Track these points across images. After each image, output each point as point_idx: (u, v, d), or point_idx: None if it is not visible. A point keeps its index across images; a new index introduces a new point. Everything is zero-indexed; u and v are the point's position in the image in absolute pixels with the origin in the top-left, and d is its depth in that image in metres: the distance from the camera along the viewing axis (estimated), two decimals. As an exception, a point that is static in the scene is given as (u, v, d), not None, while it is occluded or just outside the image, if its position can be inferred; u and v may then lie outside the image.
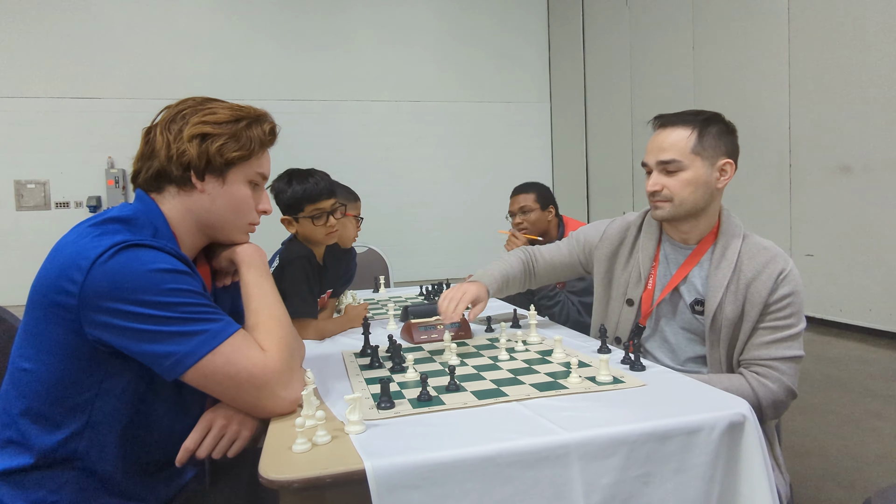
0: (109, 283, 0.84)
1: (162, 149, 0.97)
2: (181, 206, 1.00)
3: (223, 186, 1.00)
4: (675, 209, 1.35)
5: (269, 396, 0.93)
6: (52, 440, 0.90)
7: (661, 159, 1.35)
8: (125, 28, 6.12)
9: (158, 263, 0.87)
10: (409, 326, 1.48)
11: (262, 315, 0.99)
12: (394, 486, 0.76)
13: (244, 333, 0.94)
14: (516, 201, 2.42)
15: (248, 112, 1.03)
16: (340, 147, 6.63)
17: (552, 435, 0.85)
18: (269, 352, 0.93)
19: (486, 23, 7.13)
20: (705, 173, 1.34)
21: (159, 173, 0.98)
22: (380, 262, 2.83)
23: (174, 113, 1.00)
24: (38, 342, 0.89)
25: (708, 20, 4.95)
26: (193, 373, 0.88)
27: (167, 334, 0.86)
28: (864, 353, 3.50)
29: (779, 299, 1.29)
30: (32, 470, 0.90)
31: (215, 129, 0.98)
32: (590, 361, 1.22)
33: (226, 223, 1.03)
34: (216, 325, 0.90)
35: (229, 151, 0.98)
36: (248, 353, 0.91)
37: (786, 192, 4.28)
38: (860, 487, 1.95)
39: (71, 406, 0.90)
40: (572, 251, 1.61)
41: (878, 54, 3.61)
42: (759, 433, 0.92)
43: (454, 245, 7.01)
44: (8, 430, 0.91)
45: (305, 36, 6.60)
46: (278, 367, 0.93)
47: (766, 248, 1.35)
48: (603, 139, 6.50)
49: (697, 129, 1.33)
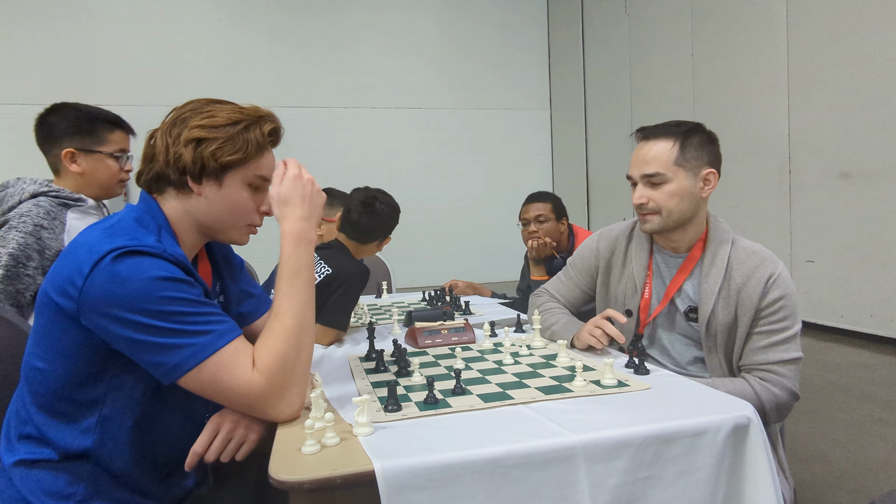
0: (106, 290, 0.85)
1: (161, 152, 0.98)
2: (180, 208, 1.01)
3: (220, 190, 1.00)
4: (664, 221, 1.36)
5: (259, 413, 0.94)
6: (66, 435, 0.92)
7: (644, 172, 1.36)
8: (126, 36, 6.15)
9: (155, 271, 0.87)
10: (414, 331, 1.49)
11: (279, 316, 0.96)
12: (403, 487, 0.77)
13: (236, 347, 0.91)
14: (532, 209, 2.41)
15: (249, 114, 1.02)
16: (341, 154, 6.65)
17: (558, 437, 0.85)
18: (259, 371, 0.91)
19: (486, 30, 7.16)
20: (689, 184, 1.35)
21: (159, 176, 0.99)
22: (382, 268, 2.84)
23: (176, 116, 1.01)
24: (48, 342, 0.91)
25: (707, 27, 4.98)
26: (184, 382, 0.89)
27: (156, 346, 0.86)
28: (865, 358, 3.50)
29: (770, 303, 1.30)
30: (49, 462, 0.92)
31: (210, 133, 0.97)
32: (594, 365, 1.23)
33: (224, 225, 1.03)
34: (205, 339, 0.88)
35: (224, 155, 0.98)
36: (233, 371, 0.89)
37: (786, 198, 4.29)
38: (864, 493, 1.95)
39: (83, 403, 0.92)
40: (578, 283, 1.61)
41: (877, 60, 3.63)
42: (764, 436, 0.93)
43: (456, 251, 7.02)
44: (26, 425, 0.93)
45: (306, 43, 6.64)
46: (264, 390, 0.91)
47: (754, 252, 1.35)
48: (603, 146, 6.53)
49: (679, 141, 1.34)
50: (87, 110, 1.59)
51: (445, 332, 1.49)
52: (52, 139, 1.57)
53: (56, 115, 1.57)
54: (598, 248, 1.56)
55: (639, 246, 1.48)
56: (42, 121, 1.58)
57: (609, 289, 1.54)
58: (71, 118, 1.56)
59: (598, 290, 1.57)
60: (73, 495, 0.91)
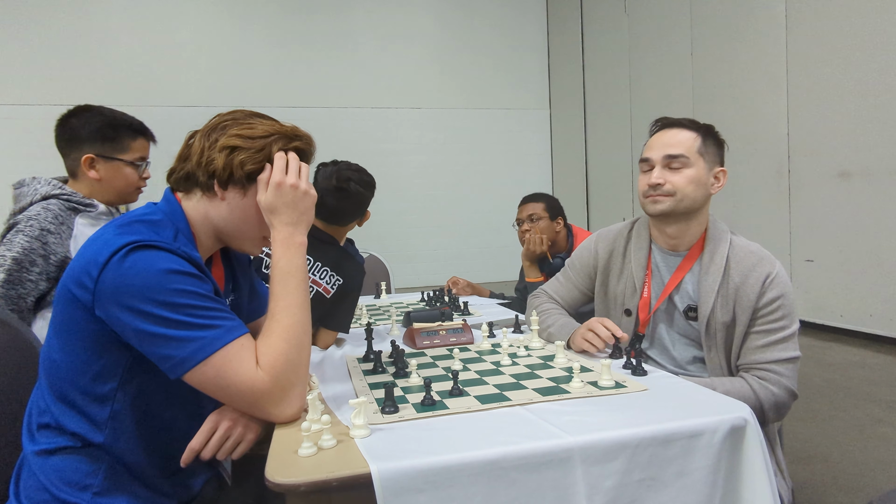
0: (119, 281, 0.87)
1: (196, 154, 1.02)
2: (202, 210, 1.03)
3: (243, 199, 1.03)
4: (675, 204, 1.37)
5: (261, 412, 0.94)
6: (83, 427, 0.93)
7: (669, 153, 1.37)
8: (125, 35, 6.14)
9: (168, 264, 0.90)
10: (412, 332, 1.49)
11: (276, 316, 0.98)
12: (399, 489, 0.77)
13: (242, 343, 0.93)
14: (525, 209, 2.46)
15: (284, 130, 1.06)
16: (341, 153, 6.61)
17: (555, 439, 0.85)
18: (263, 368, 0.92)
19: (485, 30, 7.16)
20: (705, 175, 1.38)
21: (188, 176, 1.03)
22: (381, 268, 2.84)
23: (217, 122, 1.04)
24: (65, 333, 0.93)
25: (706, 27, 4.98)
26: (190, 378, 0.90)
27: (166, 338, 0.88)
28: (865, 358, 3.50)
29: (768, 303, 1.31)
30: (67, 452, 0.93)
31: (245, 142, 1.01)
32: (592, 366, 1.23)
33: (240, 233, 1.06)
34: (213, 332, 0.90)
35: (249, 163, 1.01)
36: (238, 367, 0.90)
37: (785, 197, 4.29)
38: (863, 493, 1.95)
39: (96, 397, 0.93)
40: (576, 284, 1.61)
41: (876, 60, 3.63)
42: (761, 437, 0.93)
43: (455, 251, 7.02)
44: (44, 415, 0.95)
45: (306, 43, 6.63)
46: (267, 388, 0.92)
47: (752, 251, 1.36)
48: (602, 145, 6.53)
49: (702, 134, 1.40)
50: (111, 116, 1.57)
51: (443, 332, 1.49)
52: (74, 143, 1.55)
53: (80, 118, 1.55)
54: (597, 249, 1.56)
55: (637, 245, 1.48)
56: (64, 123, 1.56)
57: (608, 289, 1.54)
58: (95, 123, 1.54)
59: (597, 290, 1.57)
60: (90, 486, 0.93)
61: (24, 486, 0.95)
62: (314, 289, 1.54)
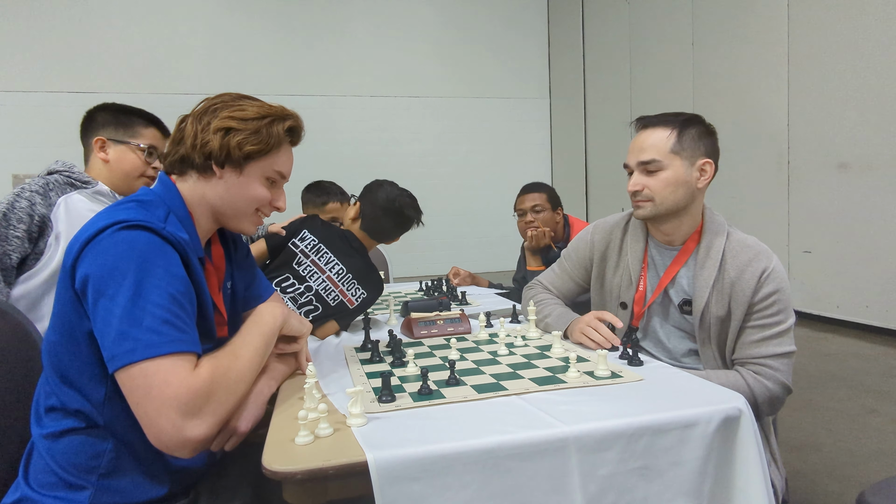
0: (97, 257, 0.88)
1: (189, 137, 1.04)
2: (199, 191, 1.06)
3: (239, 177, 1.06)
4: (655, 208, 1.37)
5: (168, 422, 0.84)
6: (85, 407, 0.93)
7: (641, 160, 1.36)
8: (123, 22, 6.10)
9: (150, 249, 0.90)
10: (410, 321, 1.50)
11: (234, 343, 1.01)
12: (395, 477, 0.77)
13: (188, 358, 0.87)
14: (528, 199, 2.42)
15: (276, 111, 1.08)
16: (340, 142, 6.62)
17: (551, 428, 0.86)
18: (199, 374, 0.87)
19: (485, 18, 7.11)
20: (685, 173, 1.35)
21: (183, 158, 1.05)
22: (380, 258, 2.84)
23: (207, 106, 1.06)
24: (58, 314, 0.93)
25: (707, 17, 4.95)
26: (120, 377, 0.86)
27: (111, 325, 0.85)
28: (860, 349, 3.52)
29: (764, 297, 1.30)
30: (74, 433, 0.94)
31: (240, 124, 1.04)
32: (588, 356, 1.23)
33: (236, 211, 1.08)
34: (156, 339, 0.85)
35: (248, 145, 1.04)
36: (168, 376, 0.84)
37: (784, 188, 4.29)
38: (855, 482, 1.97)
39: (93, 376, 0.93)
40: (572, 275, 1.61)
41: (875, 52, 3.62)
42: (755, 427, 0.94)
43: (453, 240, 7.02)
44: (51, 398, 0.96)
45: (304, 31, 6.59)
46: (195, 391, 0.85)
47: (749, 245, 1.35)
48: (602, 135, 6.51)
49: (677, 130, 1.35)
50: (128, 107, 1.67)
51: (441, 322, 1.50)
52: (90, 130, 1.64)
53: (100, 110, 1.66)
54: (593, 240, 1.56)
55: (634, 238, 1.48)
56: (88, 115, 1.67)
57: (604, 281, 1.54)
58: (111, 111, 1.65)
59: (593, 282, 1.57)
60: (96, 468, 0.94)
61: (32, 469, 0.96)
62: (340, 298, 1.57)
